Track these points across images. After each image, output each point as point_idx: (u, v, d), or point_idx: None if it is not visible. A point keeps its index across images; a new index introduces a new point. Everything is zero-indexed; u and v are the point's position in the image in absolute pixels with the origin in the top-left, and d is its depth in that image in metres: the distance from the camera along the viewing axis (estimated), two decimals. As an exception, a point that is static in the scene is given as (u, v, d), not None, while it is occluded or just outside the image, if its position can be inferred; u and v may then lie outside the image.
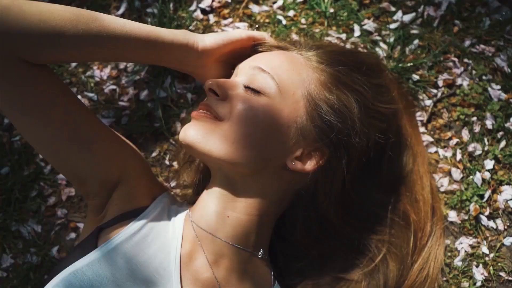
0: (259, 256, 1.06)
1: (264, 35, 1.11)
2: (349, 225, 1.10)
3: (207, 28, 1.36)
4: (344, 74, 1.03)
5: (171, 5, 1.37)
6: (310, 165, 1.00)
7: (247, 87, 0.99)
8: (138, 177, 1.05)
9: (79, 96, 1.35)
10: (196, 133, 0.98)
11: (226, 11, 1.38)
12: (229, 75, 1.07)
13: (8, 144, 1.34)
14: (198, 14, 1.37)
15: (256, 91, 0.98)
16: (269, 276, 1.09)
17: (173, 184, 1.25)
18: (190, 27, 1.36)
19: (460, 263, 1.21)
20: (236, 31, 1.08)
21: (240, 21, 1.37)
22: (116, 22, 0.95)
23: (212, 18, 1.37)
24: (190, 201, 1.17)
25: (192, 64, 1.06)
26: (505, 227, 1.23)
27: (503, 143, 1.26)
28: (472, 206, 1.23)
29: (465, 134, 1.28)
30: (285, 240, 1.11)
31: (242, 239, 1.03)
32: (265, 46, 1.08)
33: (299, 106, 0.99)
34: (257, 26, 1.36)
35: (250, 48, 1.10)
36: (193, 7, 1.37)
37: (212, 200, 1.04)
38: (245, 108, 0.97)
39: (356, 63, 1.08)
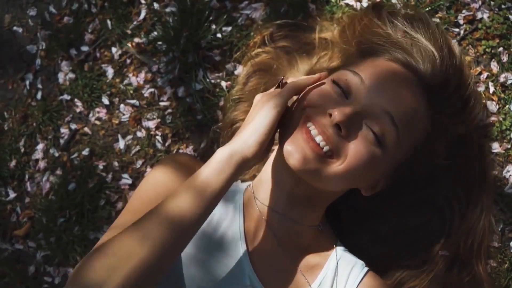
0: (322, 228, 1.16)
1: (319, 76, 1.08)
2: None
3: (224, 14, 1.41)
4: (450, 124, 1.12)
5: (187, 0, 1.42)
6: (378, 187, 1.10)
7: (372, 131, 1.00)
8: None
9: (121, 105, 1.43)
10: (309, 168, 1.00)
11: (240, -6, 1.42)
12: None
13: (68, 162, 1.45)
14: (215, 3, 1.41)
15: (378, 141, 1.00)
16: (330, 239, 1.18)
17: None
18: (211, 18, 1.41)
19: (510, 191, 1.27)
20: (274, 102, 1.00)
21: (256, 1, 1.41)
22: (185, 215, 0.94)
23: (228, 4, 1.42)
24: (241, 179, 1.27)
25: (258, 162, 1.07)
26: (549, 149, 1.28)
27: (534, 66, 1.29)
28: (512, 135, 1.28)
29: (494, 66, 1.31)
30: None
31: (309, 219, 1.13)
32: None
33: (402, 153, 1.05)
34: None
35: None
36: (209, -2, 1.42)
37: (282, 191, 1.10)
38: (362, 158, 1.00)
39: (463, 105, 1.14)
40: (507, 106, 1.29)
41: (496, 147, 1.28)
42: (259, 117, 0.98)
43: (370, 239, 1.26)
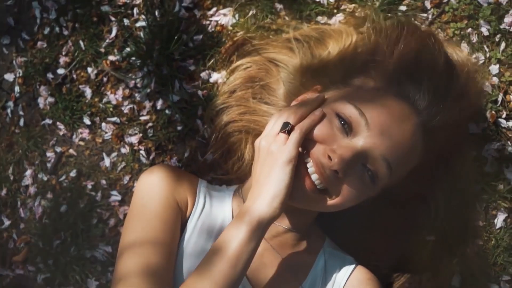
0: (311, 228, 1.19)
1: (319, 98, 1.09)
2: None
3: (195, 23, 1.42)
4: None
5: (156, 13, 1.43)
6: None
7: (367, 173, 1.03)
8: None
9: (103, 124, 1.45)
10: (300, 202, 1.05)
11: (208, 1, 1.43)
12: None
13: (58, 185, 1.47)
14: (184, 13, 1.42)
15: (372, 180, 1.03)
16: (319, 238, 1.21)
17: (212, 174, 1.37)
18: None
19: (490, 169, 1.29)
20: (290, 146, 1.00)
21: (223, 7, 1.42)
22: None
23: (197, 12, 1.43)
24: (228, 183, 1.31)
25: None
26: (525, 123, 1.29)
27: (503, 45, 1.29)
28: (488, 114, 1.29)
29: (465, 47, 1.32)
30: None
31: (298, 225, 1.17)
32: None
33: (392, 182, 1.08)
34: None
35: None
36: (176, 8, 1.42)
37: None
38: (355, 196, 1.04)
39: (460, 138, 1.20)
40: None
41: (473, 128, 1.30)
42: (275, 179, 0.97)
43: (357, 230, 1.29)
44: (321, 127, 1.03)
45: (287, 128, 1.00)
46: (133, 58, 1.44)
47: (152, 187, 1.12)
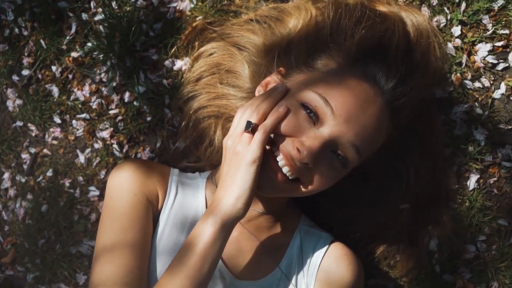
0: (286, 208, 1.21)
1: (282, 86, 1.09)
2: None
3: (153, 12, 1.40)
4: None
5: (113, 4, 1.41)
6: None
7: (337, 158, 1.04)
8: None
9: (73, 121, 1.45)
10: (274, 193, 1.06)
11: (165, -13, 1.41)
12: None
13: (36, 185, 1.49)
14: (141, 2, 1.40)
15: (342, 165, 1.05)
16: (294, 217, 1.22)
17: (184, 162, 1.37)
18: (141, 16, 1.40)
19: (459, 132, 1.28)
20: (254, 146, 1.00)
21: (181, -9, 1.40)
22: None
23: (154, 0, 1.41)
24: (201, 170, 1.32)
25: None
26: (491, 82, 1.28)
27: (463, 6, 1.27)
28: (453, 76, 1.28)
29: (426, 11, 1.30)
30: None
31: (272, 208, 1.18)
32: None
33: (362, 160, 1.09)
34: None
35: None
36: (133, -2, 1.41)
37: None
38: (327, 181, 1.06)
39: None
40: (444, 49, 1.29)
41: (439, 92, 1.29)
42: (240, 180, 0.98)
43: (332, 204, 1.30)
44: (287, 121, 1.03)
45: (250, 127, 1.00)
46: (96, 53, 1.43)
47: (119, 186, 1.13)
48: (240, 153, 0.99)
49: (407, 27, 1.20)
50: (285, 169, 1.03)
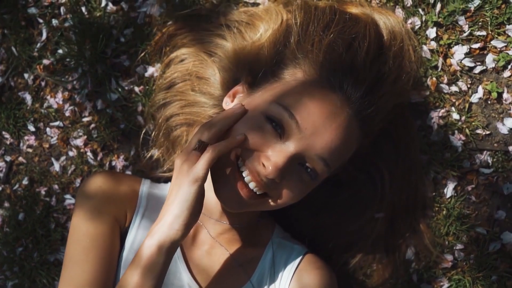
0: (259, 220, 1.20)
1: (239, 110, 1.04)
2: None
3: (123, 17, 1.37)
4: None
5: (83, 9, 1.39)
6: None
7: (305, 172, 1.02)
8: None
9: (48, 129, 1.44)
10: (242, 208, 1.04)
11: (134, -8, 1.38)
12: None
13: (12, 194, 1.48)
14: (111, 7, 1.38)
15: (311, 178, 1.02)
16: (268, 229, 1.20)
17: (159, 172, 1.35)
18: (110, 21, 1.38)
19: (436, 138, 1.24)
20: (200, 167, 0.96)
21: (152, -4, 1.37)
22: None
23: (124, 5, 1.38)
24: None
25: None
26: (468, 86, 1.24)
27: (438, 6, 1.22)
28: (429, 81, 1.24)
29: (399, 13, 1.25)
30: None
31: (243, 222, 1.16)
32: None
33: (332, 171, 1.07)
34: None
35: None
36: (103, 3, 1.38)
37: (216, 203, 1.13)
38: (296, 195, 1.04)
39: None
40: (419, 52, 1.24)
41: (415, 96, 1.25)
42: (179, 200, 0.94)
43: (307, 212, 1.28)
44: (253, 135, 1.00)
45: (199, 146, 0.97)
46: (67, 60, 1.40)
47: (84, 206, 1.11)
48: (184, 172, 0.95)
49: (380, 29, 1.16)
50: (252, 185, 1.01)
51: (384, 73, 1.08)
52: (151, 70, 1.36)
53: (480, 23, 1.21)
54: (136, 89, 1.37)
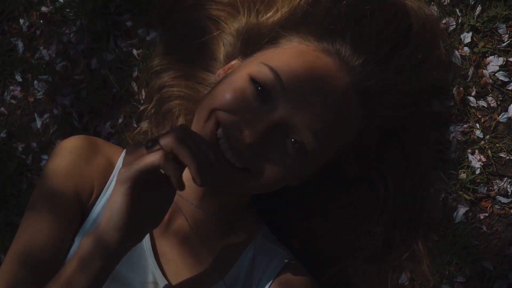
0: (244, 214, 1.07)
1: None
2: None
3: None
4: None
5: None
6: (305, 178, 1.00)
7: (291, 144, 0.88)
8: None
9: (35, 82, 1.34)
10: (232, 188, 0.92)
11: None
12: None
13: (-12, 147, 1.38)
14: None
15: (298, 154, 0.88)
16: (252, 227, 1.08)
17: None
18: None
19: (454, 155, 1.12)
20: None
21: None
22: None
23: None
24: None
25: None
26: (498, 103, 1.11)
27: (478, 9, 1.10)
28: (455, 90, 1.11)
29: (434, 11, 1.12)
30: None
31: (226, 212, 1.03)
32: None
33: (327, 156, 0.95)
34: None
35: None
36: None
37: (196, 187, 0.99)
38: (280, 173, 0.90)
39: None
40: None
41: (436, 104, 1.12)
42: (111, 202, 0.81)
43: (301, 214, 1.15)
44: (234, 97, 0.87)
45: (152, 145, 0.80)
46: (67, 10, 1.30)
47: (51, 173, 0.99)
48: (125, 165, 0.81)
49: (410, 15, 1.03)
50: (229, 154, 0.88)
51: (395, 47, 0.96)
52: (153, 35, 1.25)
53: (522, 34, 1.08)
54: (135, 52, 1.26)
